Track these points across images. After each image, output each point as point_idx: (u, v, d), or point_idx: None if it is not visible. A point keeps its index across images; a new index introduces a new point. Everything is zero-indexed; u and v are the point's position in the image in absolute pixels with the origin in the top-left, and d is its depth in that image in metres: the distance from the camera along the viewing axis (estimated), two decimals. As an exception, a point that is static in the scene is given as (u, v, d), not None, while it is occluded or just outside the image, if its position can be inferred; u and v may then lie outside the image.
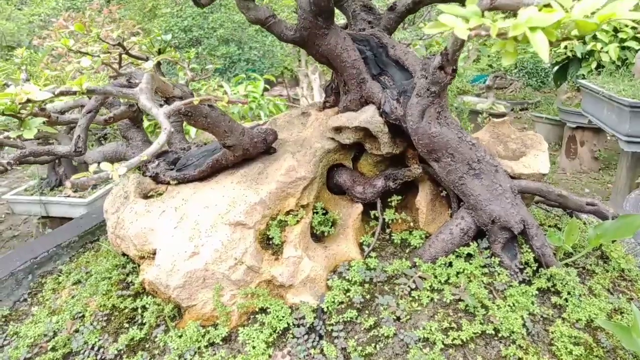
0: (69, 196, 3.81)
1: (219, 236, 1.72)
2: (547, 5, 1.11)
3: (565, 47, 5.99)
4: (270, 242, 1.78)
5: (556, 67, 6.01)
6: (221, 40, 8.73)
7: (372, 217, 1.94)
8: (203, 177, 2.03)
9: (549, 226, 2.08)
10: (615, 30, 5.34)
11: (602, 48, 5.46)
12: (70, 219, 3.24)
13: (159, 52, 2.47)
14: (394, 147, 1.78)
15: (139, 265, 1.92)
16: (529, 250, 1.69)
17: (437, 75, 1.53)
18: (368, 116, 1.75)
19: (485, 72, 9.64)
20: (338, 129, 1.87)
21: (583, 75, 5.58)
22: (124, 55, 2.20)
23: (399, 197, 1.91)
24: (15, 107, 1.59)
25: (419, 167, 1.79)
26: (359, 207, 1.92)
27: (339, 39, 1.77)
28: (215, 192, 1.88)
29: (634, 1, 1.05)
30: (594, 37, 5.60)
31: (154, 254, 1.83)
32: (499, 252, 1.69)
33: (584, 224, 2.14)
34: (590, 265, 1.86)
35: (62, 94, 1.31)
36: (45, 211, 3.75)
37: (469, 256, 1.72)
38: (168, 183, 2.14)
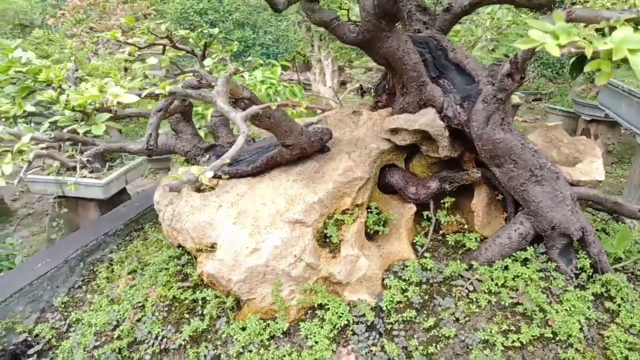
0: (84, 177, 3.85)
1: (278, 233, 1.75)
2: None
3: (585, 38, 5.93)
4: (327, 240, 1.81)
5: (573, 59, 5.97)
6: (236, 24, 8.69)
7: (425, 217, 1.97)
8: (256, 173, 2.06)
9: (597, 230, 2.10)
10: (636, 22, 5.29)
11: None
12: (85, 199, 3.31)
13: (205, 46, 2.49)
14: (453, 150, 1.81)
15: (195, 258, 1.96)
16: (586, 256, 1.72)
17: (505, 82, 1.54)
18: (429, 119, 1.77)
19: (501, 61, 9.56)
20: (395, 131, 1.89)
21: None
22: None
23: (452, 199, 1.93)
24: (85, 103, 1.63)
25: (478, 171, 1.81)
26: (413, 208, 1.95)
27: (400, 41, 1.78)
28: (271, 189, 1.91)
29: None
30: (614, 29, 5.54)
31: (212, 247, 1.87)
32: (555, 257, 1.72)
33: (629, 229, 2.16)
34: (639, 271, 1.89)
35: (148, 96, 1.34)
36: (62, 191, 3.79)
37: (526, 260, 1.75)
38: (219, 177, 2.17)
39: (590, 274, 1.73)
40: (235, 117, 1.38)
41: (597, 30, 1.46)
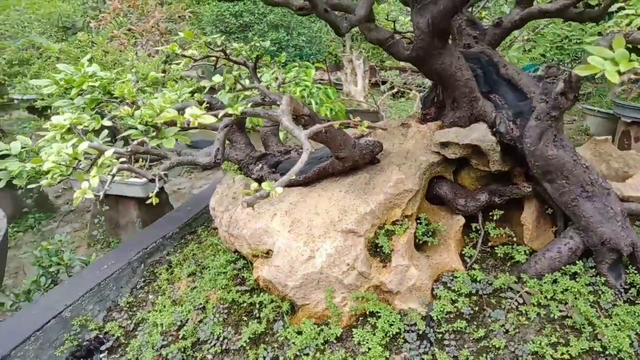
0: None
1: (332, 242, 1.84)
2: None
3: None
4: (378, 250, 1.89)
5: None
6: (271, 25, 8.83)
7: (474, 229, 2.02)
8: (307, 182, 2.16)
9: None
10: None
11: None
12: (125, 197, 3.51)
13: (257, 58, 2.60)
14: (503, 165, 1.85)
15: (251, 263, 2.08)
16: (636, 271, 1.74)
17: (559, 100, 1.58)
18: (480, 134, 1.82)
19: (536, 61, 9.39)
20: (445, 144, 1.95)
21: None
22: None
23: (501, 212, 1.98)
24: (155, 115, 1.75)
25: (528, 186, 1.85)
26: (461, 220, 2.00)
27: (453, 58, 1.83)
28: (323, 199, 2.00)
29: None
30: None
31: (267, 253, 1.98)
32: (605, 272, 1.75)
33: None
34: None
35: (225, 115, 1.45)
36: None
37: (575, 274, 1.78)
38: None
39: (641, 289, 1.74)
40: (300, 135, 1.47)
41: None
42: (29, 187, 1.72)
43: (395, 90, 7.15)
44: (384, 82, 8.56)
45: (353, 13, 1.69)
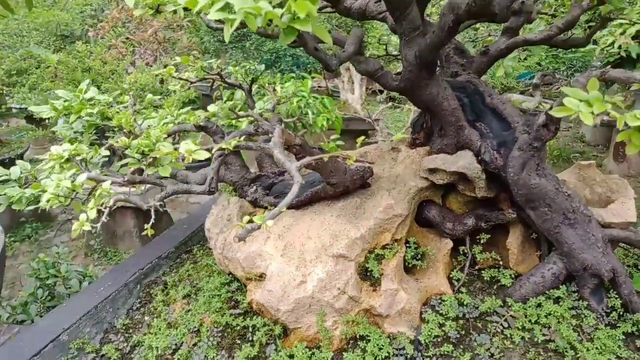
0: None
1: (323, 267, 1.89)
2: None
3: (619, 47, 5.84)
4: (368, 274, 1.94)
5: (608, 68, 5.91)
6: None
7: (461, 252, 2.07)
8: (300, 206, 2.21)
9: (628, 266, 2.17)
10: None
11: None
12: (123, 206, 3.52)
13: (252, 81, 2.66)
14: (489, 191, 1.91)
15: (244, 285, 2.13)
16: (617, 296, 1.79)
17: (541, 132, 1.65)
18: (466, 162, 1.88)
19: (532, 69, 9.49)
20: (433, 170, 2.01)
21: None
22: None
23: (487, 235, 2.04)
24: (151, 145, 1.81)
25: (513, 212, 1.91)
26: (449, 243, 2.06)
27: (440, 88, 1.90)
28: (316, 223, 2.06)
29: None
30: None
31: (261, 276, 2.03)
32: (587, 296, 1.81)
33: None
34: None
35: (219, 149, 1.50)
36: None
37: (558, 299, 1.84)
38: (266, 208, 2.33)
39: (621, 313, 1.80)
40: (291, 168, 1.52)
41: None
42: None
43: (390, 102, 7.21)
44: (381, 91, 8.63)
45: (343, 48, 1.75)
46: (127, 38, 8.09)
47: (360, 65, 1.89)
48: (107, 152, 1.87)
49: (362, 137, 1.54)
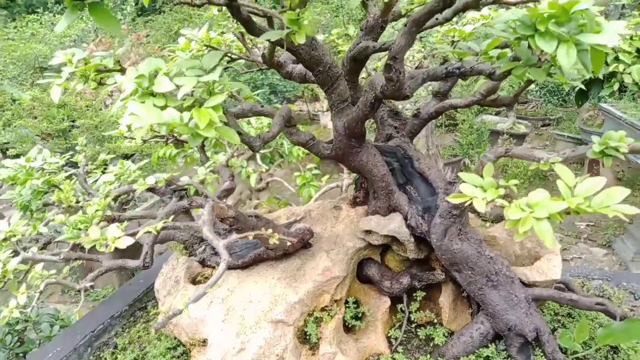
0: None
1: (262, 333, 1.94)
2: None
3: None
4: (307, 337, 1.99)
5: (577, 88, 6.13)
6: (245, 65, 9.04)
7: (400, 309, 2.14)
8: (245, 266, 2.27)
9: (562, 315, 2.25)
10: (638, 51, 5.36)
11: (624, 69, 5.46)
12: None
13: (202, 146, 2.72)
14: (419, 253, 1.99)
15: (189, 350, 2.16)
16: (542, 354, 1.87)
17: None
18: (396, 226, 1.96)
19: (504, 90, 9.75)
20: (368, 232, 2.08)
21: (605, 96, 5.57)
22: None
23: (423, 293, 2.11)
24: (89, 220, 1.86)
25: (442, 273, 1.99)
26: (387, 302, 2.12)
27: (369, 155, 1.99)
28: (258, 286, 2.11)
29: (625, 194, 1.25)
30: (616, 59, 5.62)
31: (204, 342, 2.06)
32: (515, 355, 1.88)
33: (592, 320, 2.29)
34: (601, 358, 2.02)
35: (147, 232, 1.56)
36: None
37: (488, 357, 1.90)
38: (213, 267, 2.38)
39: (548, 369, 1.87)
40: (218, 245, 1.58)
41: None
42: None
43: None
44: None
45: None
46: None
47: (292, 136, 1.97)
48: (45, 229, 1.92)
49: (276, 235, 1.61)
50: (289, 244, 2.03)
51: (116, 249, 3.54)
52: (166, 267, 2.53)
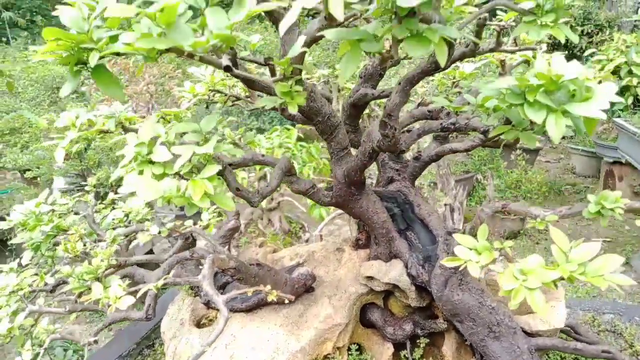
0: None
1: (265, 382, 1.95)
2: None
3: (600, 82, 6.00)
4: (310, 385, 1.99)
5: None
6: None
7: (403, 357, 2.13)
8: (249, 310, 2.28)
9: (569, 360, 2.21)
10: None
11: (638, 83, 5.32)
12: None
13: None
14: (421, 301, 1.99)
15: (193, 396, 2.17)
16: (547, 405, 1.84)
17: (458, 253, 1.73)
18: (396, 274, 1.96)
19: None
20: (370, 277, 2.09)
21: (620, 110, 5.44)
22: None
23: (427, 340, 2.10)
24: (95, 270, 1.90)
25: (444, 322, 1.98)
26: (390, 348, 2.12)
27: (369, 202, 2.00)
28: (261, 331, 2.12)
29: (620, 262, 1.25)
30: (630, 72, 5.50)
31: (207, 390, 2.08)
32: (519, 406, 1.85)
33: None
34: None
35: (142, 292, 1.59)
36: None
37: (491, 409, 1.88)
38: (218, 310, 2.40)
39: (554, 421, 1.84)
40: (218, 301, 1.61)
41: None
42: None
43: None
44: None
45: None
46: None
47: (292, 185, 1.99)
48: (52, 280, 1.96)
49: (275, 292, 1.63)
50: (287, 301, 2.04)
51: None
52: (172, 307, 2.56)
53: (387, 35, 0.99)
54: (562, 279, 1.27)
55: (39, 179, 6.97)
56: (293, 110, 1.32)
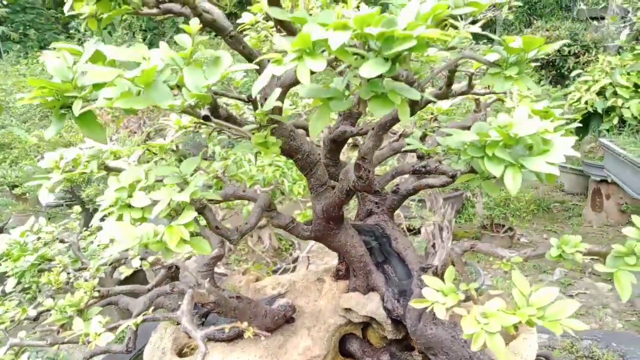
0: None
1: (243, 414, 1.98)
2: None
3: (586, 102, 6.10)
4: (288, 416, 2.03)
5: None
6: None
7: (380, 388, 2.17)
8: (230, 339, 2.32)
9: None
10: (636, 86, 5.34)
11: (623, 104, 5.38)
12: None
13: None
14: (397, 333, 2.04)
15: None
16: None
17: (431, 289, 1.79)
18: (374, 307, 2.01)
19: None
20: (348, 309, 2.14)
21: (606, 130, 5.53)
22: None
23: (403, 371, 2.14)
24: (77, 303, 1.93)
25: (419, 354, 2.03)
26: (368, 380, 2.16)
27: (347, 236, 2.06)
28: (241, 362, 2.16)
29: (575, 307, 1.31)
30: (615, 93, 5.59)
31: (187, 421, 2.10)
32: None
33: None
34: None
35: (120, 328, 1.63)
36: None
37: None
38: (200, 339, 2.43)
39: None
40: (196, 337, 1.65)
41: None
42: None
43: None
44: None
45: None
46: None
47: (273, 220, 2.05)
48: (35, 312, 1.99)
49: (251, 330, 1.67)
50: (262, 338, 2.08)
51: (122, 280, 3.60)
52: (155, 335, 2.58)
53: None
54: (520, 323, 1.33)
55: (27, 194, 6.97)
56: (267, 159, 1.38)
